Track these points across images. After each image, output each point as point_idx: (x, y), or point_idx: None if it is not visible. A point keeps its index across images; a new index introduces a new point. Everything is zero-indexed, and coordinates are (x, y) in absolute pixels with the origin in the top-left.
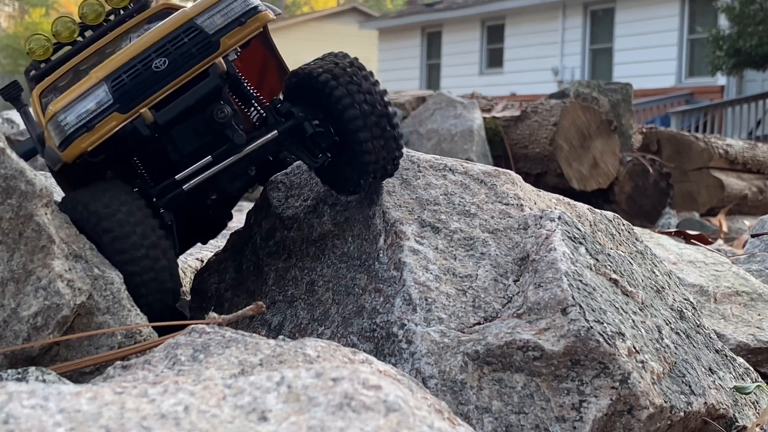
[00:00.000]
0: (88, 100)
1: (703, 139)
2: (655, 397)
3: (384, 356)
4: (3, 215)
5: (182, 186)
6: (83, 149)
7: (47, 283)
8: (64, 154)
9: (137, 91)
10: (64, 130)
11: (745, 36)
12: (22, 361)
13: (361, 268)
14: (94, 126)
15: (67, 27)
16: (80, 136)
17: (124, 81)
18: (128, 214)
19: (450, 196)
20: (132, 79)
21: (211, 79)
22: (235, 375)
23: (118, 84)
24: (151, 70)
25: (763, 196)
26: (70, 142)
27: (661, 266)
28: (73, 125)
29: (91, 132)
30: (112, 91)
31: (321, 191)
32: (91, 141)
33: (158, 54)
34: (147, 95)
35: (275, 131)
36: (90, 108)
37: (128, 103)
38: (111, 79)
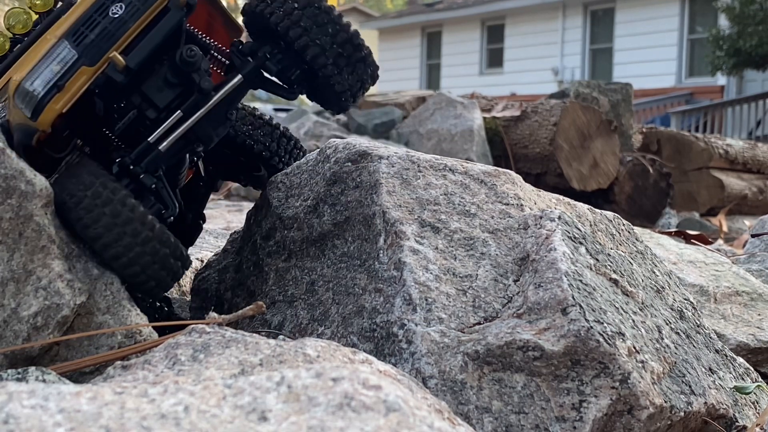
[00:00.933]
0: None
1: (703, 139)
2: (655, 397)
3: (384, 356)
4: (3, 215)
5: (158, 147)
6: (58, 111)
7: (47, 283)
8: (39, 122)
9: (101, 41)
10: (34, 97)
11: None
12: (22, 361)
13: (361, 268)
14: (65, 84)
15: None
16: (52, 98)
17: (85, 33)
18: (94, 196)
19: (450, 196)
20: (92, 30)
21: (173, 12)
22: (235, 375)
23: (79, 38)
24: (110, 17)
25: (763, 196)
26: (42, 107)
27: (661, 266)
28: (42, 89)
29: (63, 91)
30: (75, 46)
31: (321, 191)
32: (64, 101)
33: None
34: (111, 42)
35: (239, 76)
36: (55, 69)
37: (94, 55)
38: (70, 34)
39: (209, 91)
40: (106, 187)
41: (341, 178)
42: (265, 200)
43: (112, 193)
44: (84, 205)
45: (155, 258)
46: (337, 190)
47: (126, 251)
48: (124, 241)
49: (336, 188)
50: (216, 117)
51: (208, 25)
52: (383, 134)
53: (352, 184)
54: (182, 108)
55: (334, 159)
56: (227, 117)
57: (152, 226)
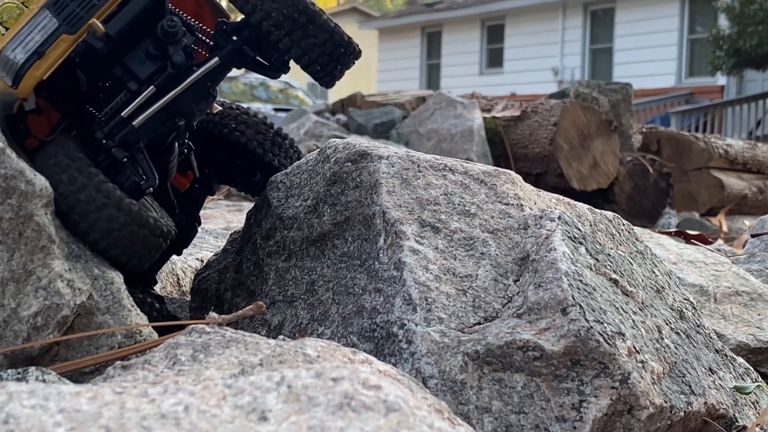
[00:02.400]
0: (33, 31)
1: (703, 139)
2: (655, 397)
3: (384, 356)
4: (3, 215)
5: (131, 122)
6: (38, 77)
7: (47, 283)
8: (20, 89)
9: (81, 9)
10: (15, 64)
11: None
12: (22, 361)
13: (361, 268)
14: (45, 51)
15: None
16: (32, 65)
17: (65, 3)
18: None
19: (450, 196)
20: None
21: None
22: (235, 375)
23: (60, 7)
24: None
25: (763, 196)
26: (23, 74)
27: (661, 266)
28: (23, 56)
29: (44, 58)
30: (55, 15)
31: (321, 191)
32: (45, 67)
33: None
34: (92, 12)
35: (216, 59)
36: (36, 38)
37: (75, 23)
38: (51, 4)
39: (182, 66)
40: (82, 171)
41: (341, 178)
42: (265, 200)
43: (87, 179)
44: (60, 191)
45: (134, 240)
46: (337, 190)
47: (104, 236)
48: (99, 226)
49: (336, 188)
50: (197, 92)
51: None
52: (383, 134)
53: (352, 184)
54: (156, 83)
55: (334, 159)
56: (210, 92)
57: (128, 210)
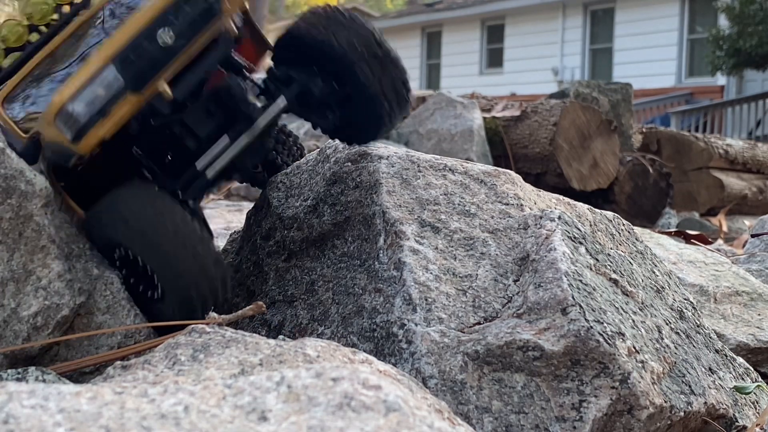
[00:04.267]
0: (97, 85)
1: (703, 139)
2: (655, 397)
3: (384, 356)
4: (3, 215)
5: (205, 173)
6: (101, 137)
7: (47, 283)
8: (81, 146)
9: (148, 68)
10: (77, 121)
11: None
12: (22, 361)
13: (361, 268)
14: (110, 111)
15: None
16: (96, 124)
17: (132, 59)
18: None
19: (450, 196)
20: (140, 57)
21: (223, 44)
22: (235, 375)
23: (126, 63)
24: (158, 44)
25: (763, 196)
26: (85, 132)
27: (661, 266)
28: (86, 114)
29: (107, 117)
30: (121, 72)
31: (321, 191)
32: (108, 127)
33: (161, 26)
34: (158, 71)
35: (284, 99)
36: (100, 93)
37: (141, 82)
38: (117, 59)
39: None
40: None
41: (341, 178)
42: (265, 200)
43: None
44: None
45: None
46: (337, 190)
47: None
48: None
49: (336, 188)
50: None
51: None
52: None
53: (352, 184)
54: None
55: (333, 159)
56: (264, 147)
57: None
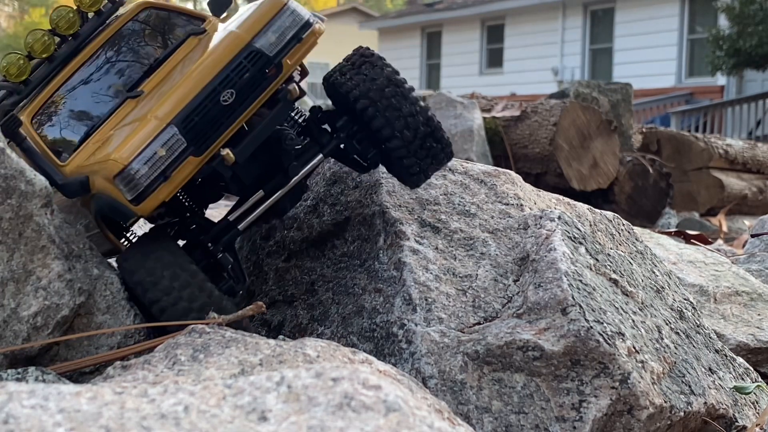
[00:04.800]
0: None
1: (703, 139)
2: (655, 397)
3: (384, 356)
4: (3, 215)
5: (237, 226)
6: (161, 200)
7: (47, 283)
8: (141, 208)
9: (209, 130)
10: (139, 183)
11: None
12: (22, 361)
13: (361, 268)
14: (171, 174)
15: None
16: (158, 188)
17: (194, 120)
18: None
19: (450, 196)
20: (202, 118)
21: (284, 105)
22: (235, 375)
23: (187, 124)
24: (220, 105)
25: (763, 196)
26: (146, 195)
27: (661, 266)
28: (147, 176)
29: (169, 181)
30: (183, 133)
31: (321, 191)
32: (169, 191)
33: (224, 86)
34: (220, 132)
35: (321, 155)
36: (162, 155)
37: (202, 144)
38: (180, 119)
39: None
40: (169, 251)
41: (341, 178)
42: None
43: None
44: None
45: None
46: (337, 190)
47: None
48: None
49: (336, 188)
50: (294, 192)
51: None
52: None
53: (351, 184)
54: (265, 187)
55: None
56: (303, 190)
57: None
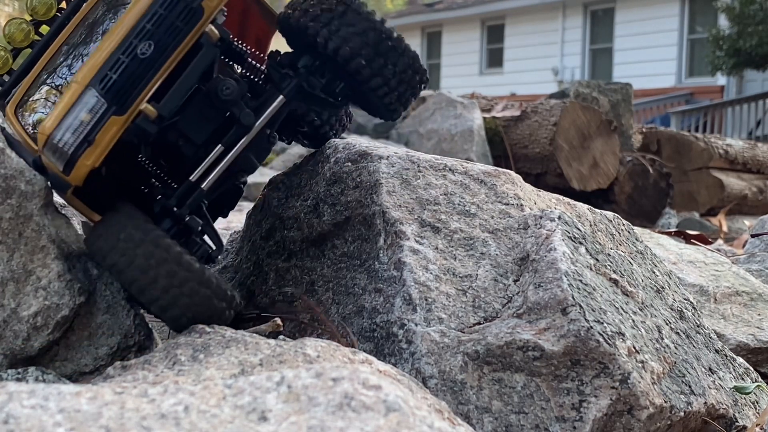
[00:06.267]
0: (79, 111)
1: (703, 139)
2: (655, 397)
3: (384, 356)
4: (3, 215)
5: (200, 186)
6: (90, 166)
7: (47, 283)
8: (72, 177)
9: (130, 86)
10: (64, 152)
11: (745, 36)
12: (22, 361)
13: (361, 268)
14: (95, 138)
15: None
16: (83, 154)
17: (112, 78)
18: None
19: (450, 196)
20: (120, 74)
21: (206, 52)
22: (235, 375)
23: (106, 83)
24: (138, 58)
25: (763, 196)
26: (74, 162)
27: (661, 266)
28: (72, 144)
29: (94, 145)
30: (102, 94)
31: (321, 191)
32: (96, 155)
33: (140, 38)
34: (142, 87)
35: (281, 97)
36: (84, 119)
37: (124, 102)
38: (97, 80)
39: (252, 125)
40: (139, 228)
41: (341, 178)
42: (265, 200)
43: (145, 234)
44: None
45: (195, 299)
46: (337, 190)
47: (162, 294)
48: (159, 283)
49: (336, 188)
50: (258, 143)
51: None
52: (383, 134)
53: (352, 184)
54: (223, 142)
55: (334, 159)
56: (269, 141)
57: (189, 266)
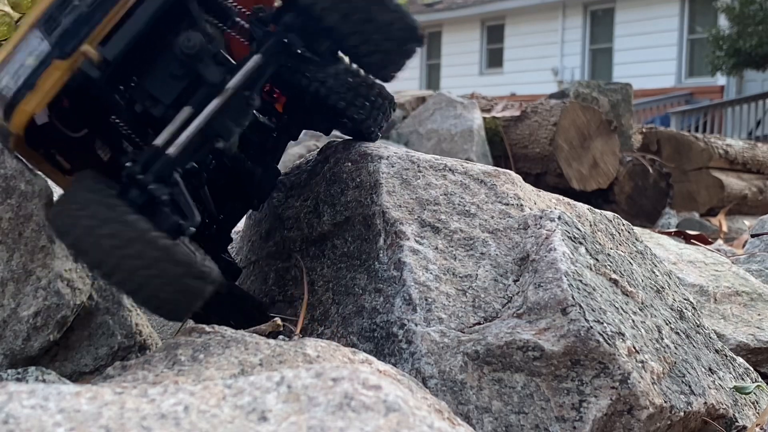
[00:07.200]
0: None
1: (703, 139)
2: (655, 397)
3: (384, 356)
4: (3, 215)
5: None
6: (30, 113)
7: (47, 283)
8: (12, 125)
9: (75, 28)
10: (4, 97)
11: (745, 36)
12: (22, 361)
13: (361, 268)
14: (35, 82)
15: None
16: (23, 99)
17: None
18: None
19: (450, 196)
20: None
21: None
22: (235, 375)
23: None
24: None
25: (763, 196)
26: (13, 108)
27: (661, 266)
28: (12, 88)
29: (34, 90)
30: (46, 36)
31: (321, 191)
32: (36, 100)
33: None
34: (88, 30)
35: (258, 56)
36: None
37: (67, 45)
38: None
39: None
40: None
41: (341, 178)
42: None
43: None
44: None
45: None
46: (337, 190)
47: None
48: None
49: (336, 188)
50: (235, 106)
51: None
52: (383, 134)
53: (352, 184)
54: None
55: (333, 159)
56: (248, 103)
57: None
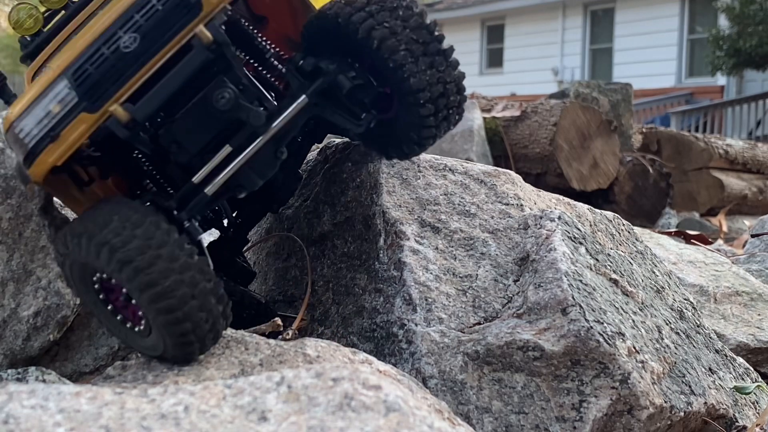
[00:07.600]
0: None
1: (703, 139)
2: (655, 397)
3: (384, 356)
4: (3, 215)
5: (204, 189)
6: (51, 164)
7: (47, 283)
8: (32, 173)
9: (106, 82)
10: (24, 143)
11: (745, 36)
12: (22, 361)
13: (361, 268)
14: (60, 133)
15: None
16: (45, 149)
17: (88, 70)
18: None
19: (450, 196)
20: (97, 67)
21: (194, 55)
22: (235, 375)
23: (81, 75)
24: (120, 52)
25: (763, 196)
26: (34, 157)
27: (661, 266)
28: (34, 136)
29: (58, 141)
30: (75, 86)
31: (321, 191)
32: (59, 153)
33: (125, 30)
34: (118, 85)
35: (303, 97)
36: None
37: (97, 99)
38: (72, 69)
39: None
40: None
41: (341, 178)
42: None
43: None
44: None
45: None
46: (337, 190)
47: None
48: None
49: (335, 188)
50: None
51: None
52: None
53: (351, 184)
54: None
55: (334, 159)
56: (276, 155)
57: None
